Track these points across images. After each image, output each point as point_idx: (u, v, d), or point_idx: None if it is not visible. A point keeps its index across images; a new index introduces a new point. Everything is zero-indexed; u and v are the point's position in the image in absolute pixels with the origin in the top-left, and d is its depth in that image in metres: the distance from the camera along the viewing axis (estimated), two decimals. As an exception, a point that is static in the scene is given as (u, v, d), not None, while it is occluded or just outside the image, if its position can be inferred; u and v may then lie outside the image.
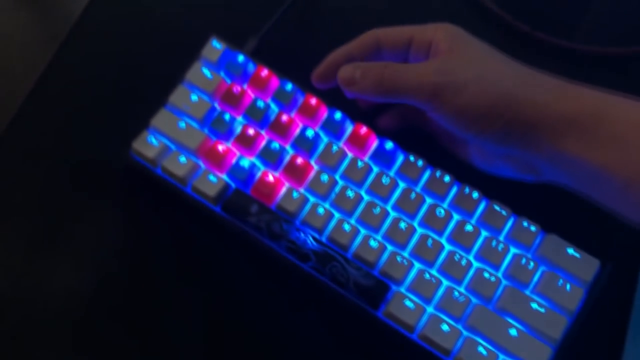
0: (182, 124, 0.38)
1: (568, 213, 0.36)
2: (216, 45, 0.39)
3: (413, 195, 0.36)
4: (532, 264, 0.34)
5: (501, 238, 0.35)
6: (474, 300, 0.34)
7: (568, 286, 0.34)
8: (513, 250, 0.35)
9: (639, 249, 0.37)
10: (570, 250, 0.34)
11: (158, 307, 0.36)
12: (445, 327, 0.33)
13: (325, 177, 0.37)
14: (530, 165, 0.33)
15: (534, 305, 0.34)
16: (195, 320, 0.36)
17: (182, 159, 0.37)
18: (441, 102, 0.31)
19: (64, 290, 0.37)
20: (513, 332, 0.33)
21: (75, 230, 0.38)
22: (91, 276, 0.37)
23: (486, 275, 0.34)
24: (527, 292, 0.34)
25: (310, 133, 0.37)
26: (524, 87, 0.31)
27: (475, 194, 0.36)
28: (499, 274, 0.35)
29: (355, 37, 0.37)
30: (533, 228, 0.35)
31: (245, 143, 0.37)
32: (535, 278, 0.34)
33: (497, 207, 0.35)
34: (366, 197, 0.36)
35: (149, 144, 0.38)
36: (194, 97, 0.39)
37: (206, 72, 0.39)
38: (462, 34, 0.33)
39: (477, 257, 0.35)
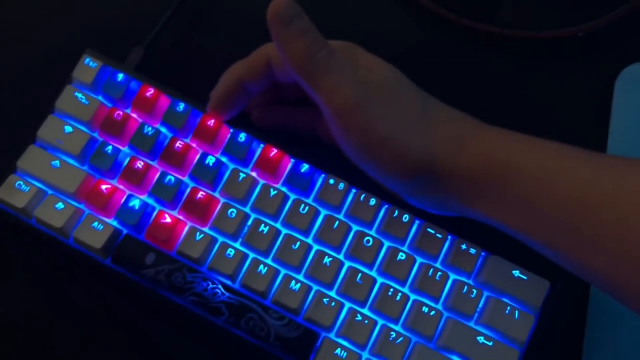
0: (57, 163, 0.32)
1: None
2: (90, 64, 0.33)
3: (336, 224, 0.31)
4: (474, 291, 0.30)
5: (438, 265, 0.31)
6: (413, 339, 0.30)
7: (517, 314, 0.30)
8: (453, 277, 0.31)
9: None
10: (517, 273, 0.30)
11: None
12: (384, 376, 0.29)
13: (233, 212, 0.31)
14: (447, 210, 0.30)
15: (481, 339, 0.30)
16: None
17: (60, 205, 0.31)
18: (349, 126, 0.27)
19: None
20: (460, 373, 0.29)
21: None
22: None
23: (425, 309, 0.30)
24: (472, 325, 0.30)
25: (211, 160, 0.32)
26: (437, 141, 0.28)
27: (406, 217, 0.31)
28: (440, 307, 0.30)
29: (251, 40, 0.31)
30: (473, 251, 0.31)
31: (134, 179, 0.31)
32: (480, 307, 0.30)
33: (431, 230, 0.31)
34: (283, 231, 0.31)
35: (18, 190, 0.31)
36: (69, 129, 0.32)
37: (80, 96, 0.33)
38: (370, 55, 0.29)
39: (414, 290, 0.31)
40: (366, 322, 0.30)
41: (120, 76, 0.33)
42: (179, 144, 0.32)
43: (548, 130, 0.31)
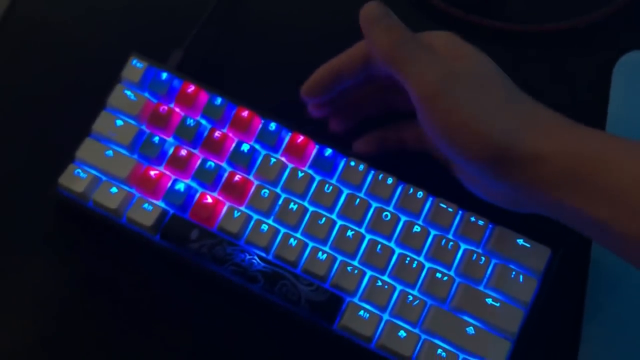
0: (110, 152, 0.36)
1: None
2: (137, 64, 0.37)
3: (357, 201, 0.35)
4: (483, 259, 0.34)
5: (450, 236, 0.34)
6: (428, 302, 0.34)
7: (521, 277, 0.33)
8: (463, 246, 0.34)
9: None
10: (520, 241, 0.34)
11: (105, 346, 0.35)
12: (402, 334, 0.33)
13: (266, 192, 0.35)
14: (523, 204, 0.31)
15: (489, 301, 0.33)
16: (150, 356, 0.35)
17: (114, 189, 0.35)
18: (433, 109, 0.29)
19: (10, 336, 0.35)
20: (470, 330, 0.33)
21: (8, 282, 0.36)
22: (34, 325, 0.35)
23: (438, 275, 0.34)
24: (481, 288, 0.34)
25: (245, 147, 0.36)
26: (521, 127, 0.28)
27: (420, 194, 0.35)
28: (452, 273, 0.34)
29: (280, 42, 0.35)
30: (481, 222, 0.34)
31: (179, 165, 0.36)
32: (488, 273, 0.34)
33: (443, 205, 0.34)
34: (310, 209, 0.35)
35: (77, 177, 0.36)
36: (119, 122, 0.37)
37: (129, 93, 0.37)
38: (464, 44, 0.31)
39: (428, 258, 0.34)
40: (386, 287, 0.34)
41: (164, 75, 0.37)
42: (217, 134, 0.36)
43: None
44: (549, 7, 0.42)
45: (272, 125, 0.36)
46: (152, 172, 0.36)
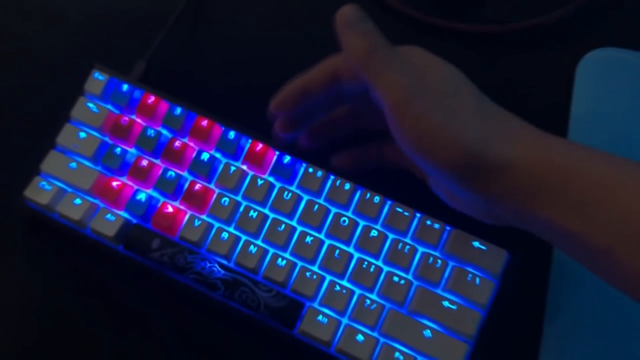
0: (74, 164, 0.37)
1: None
2: (98, 77, 0.38)
3: (316, 207, 0.35)
4: (440, 262, 0.34)
5: (407, 239, 0.35)
6: (386, 306, 0.34)
7: (478, 280, 0.34)
8: (420, 250, 0.35)
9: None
10: (476, 244, 0.34)
11: (67, 349, 0.36)
12: (360, 338, 0.33)
13: (226, 201, 0.36)
14: (499, 216, 0.30)
15: (446, 304, 0.33)
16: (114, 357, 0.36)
17: (78, 200, 0.36)
18: (403, 116, 0.29)
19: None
20: (428, 333, 0.33)
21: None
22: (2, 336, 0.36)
23: (396, 279, 0.34)
24: (438, 291, 0.34)
25: (205, 156, 0.36)
26: (491, 135, 0.28)
27: (377, 198, 0.35)
28: (409, 276, 0.34)
29: (241, 53, 0.35)
30: (437, 225, 0.34)
31: (140, 175, 0.36)
32: (445, 276, 0.34)
33: (399, 209, 0.35)
34: (270, 216, 0.36)
35: (42, 189, 0.36)
36: (82, 135, 0.37)
37: (91, 106, 0.37)
38: (434, 56, 0.31)
39: (386, 262, 0.34)
40: (344, 291, 0.34)
41: (125, 86, 0.38)
42: (177, 143, 0.36)
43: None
44: (510, 7, 0.42)
45: (232, 134, 0.36)
46: (115, 183, 0.36)
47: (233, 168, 0.36)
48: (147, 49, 0.40)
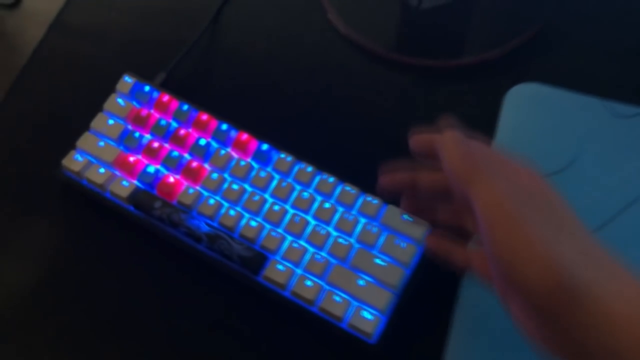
0: (102, 143, 0.48)
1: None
2: (128, 80, 0.49)
3: (284, 184, 0.45)
4: (376, 229, 0.43)
5: (353, 212, 0.44)
6: (332, 261, 0.43)
7: (404, 245, 0.43)
8: (362, 220, 0.44)
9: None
10: (404, 216, 0.43)
11: (87, 282, 0.45)
12: (309, 283, 0.42)
13: (215, 176, 0.46)
14: (550, 339, 0.28)
15: (378, 261, 0.42)
16: (116, 298, 0.45)
17: (102, 170, 0.47)
18: (498, 226, 0.27)
19: (7, 287, 0.45)
20: (362, 283, 0.42)
21: (23, 232, 0.47)
22: (35, 271, 0.46)
23: (341, 241, 0.43)
24: (374, 252, 0.43)
25: (203, 142, 0.47)
26: (589, 264, 0.26)
27: (331, 179, 0.45)
28: (352, 240, 0.44)
29: (244, 75, 0.46)
30: (376, 202, 0.44)
31: (151, 154, 0.47)
32: (380, 240, 0.43)
33: (348, 188, 0.44)
34: (249, 189, 0.46)
35: (76, 160, 0.47)
36: (111, 122, 0.48)
37: (120, 101, 0.49)
38: (521, 162, 0.31)
39: (335, 228, 0.44)
40: (300, 248, 0.43)
41: (147, 87, 0.49)
42: (182, 132, 0.47)
43: None
44: (454, 45, 0.53)
45: (224, 126, 0.47)
46: (131, 158, 0.47)
47: (223, 152, 0.47)
48: (168, 64, 0.52)
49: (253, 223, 0.44)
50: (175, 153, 0.47)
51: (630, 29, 0.53)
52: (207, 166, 0.47)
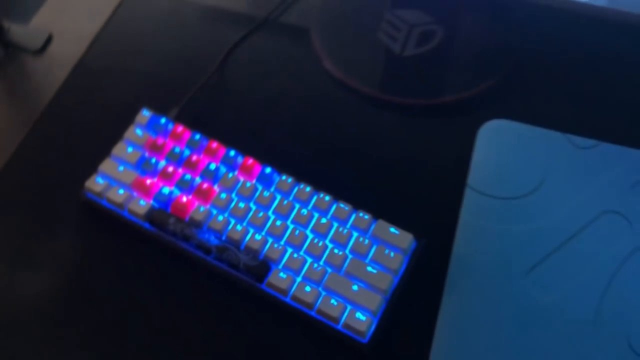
0: (121, 168, 0.53)
1: (393, 205, 0.51)
2: (145, 113, 0.55)
3: (285, 202, 0.51)
4: (367, 241, 0.49)
5: (347, 226, 0.50)
6: (328, 270, 0.48)
7: (392, 254, 0.48)
8: (355, 233, 0.49)
9: (450, 227, 0.52)
10: (392, 229, 0.49)
11: (108, 291, 0.50)
12: (308, 289, 0.47)
13: (224, 196, 0.51)
14: None
15: (369, 269, 0.48)
16: (132, 304, 0.49)
17: (121, 191, 0.52)
18: None
19: (37, 295, 0.50)
20: (355, 288, 0.47)
21: (48, 246, 0.52)
22: (59, 281, 0.50)
23: (336, 251, 0.49)
24: (366, 261, 0.48)
25: (212, 166, 0.53)
26: None
27: (327, 198, 0.51)
28: (346, 251, 0.49)
29: (249, 111, 0.53)
30: (367, 217, 0.50)
31: (166, 177, 0.52)
32: (370, 251, 0.49)
33: (342, 205, 0.50)
34: (253, 207, 0.51)
35: (97, 182, 0.52)
36: (130, 149, 0.54)
37: (138, 131, 0.55)
38: None
39: (331, 241, 0.49)
40: (300, 258, 0.48)
41: (163, 120, 0.55)
42: (194, 158, 0.53)
43: (423, 175, 0.53)
44: (432, 86, 0.60)
45: (232, 152, 0.53)
46: (148, 181, 0.52)
47: (230, 175, 0.52)
48: (181, 100, 0.58)
49: (257, 237, 0.49)
50: (188, 176, 0.52)
51: (588, 74, 0.61)
52: (216, 187, 0.52)
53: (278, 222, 0.50)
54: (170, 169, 0.53)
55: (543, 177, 0.54)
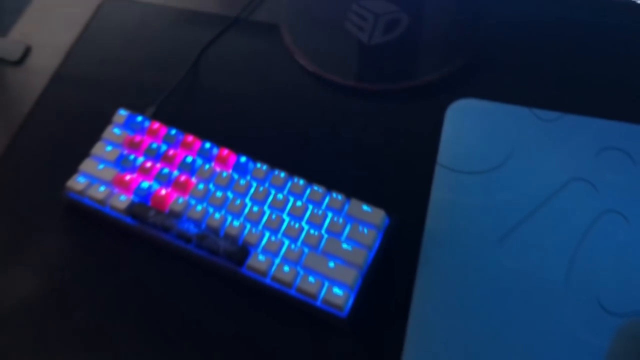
0: (101, 166, 0.55)
1: (366, 186, 0.53)
2: (122, 112, 0.57)
3: (261, 189, 0.52)
4: (341, 220, 0.50)
5: (322, 208, 0.51)
6: (305, 250, 0.50)
7: (366, 230, 0.50)
8: (330, 214, 0.51)
9: (422, 204, 0.53)
10: (365, 207, 0.50)
11: (92, 284, 0.51)
12: (287, 269, 0.49)
13: (201, 186, 0.53)
14: None
15: (344, 246, 0.49)
16: (117, 296, 0.51)
17: (102, 188, 0.53)
18: None
19: (26, 293, 0.51)
20: (332, 265, 0.48)
21: (34, 245, 0.53)
22: (46, 278, 0.52)
23: (312, 231, 0.50)
24: (341, 239, 0.50)
25: (189, 159, 0.54)
26: None
27: (302, 182, 0.52)
28: (322, 231, 0.50)
29: (223, 113, 0.55)
30: (340, 197, 0.51)
31: (145, 172, 0.54)
32: (346, 230, 0.50)
33: (316, 188, 0.52)
34: (230, 195, 0.53)
35: (78, 182, 0.54)
36: (109, 148, 0.56)
37: (116, 130, 0.56)
38: None
39: (307, 222, 0.51)
40: (277, 241, 0.50)
41: (139, 118, 0.57)
42: (171, 152, 0.55)
43: (395, 156, 0.55)
44: (401, 71, 0.62)
45: (207, 144, 0.55)
46: (127, 177, 0.54)
47: (207, 166, 0.54)
48: (156, 100, 0.60)
49: (236, 223, 0.51)
50: (166, 170, 0.54)
51: (549, 50, 0.63)
52: (193, 179, 0.54)
53: (255, 208, 0.52)
54: (149, 164, 0.54)
55: (510, 151, 0.56)
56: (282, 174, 0.53)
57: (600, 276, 0.49)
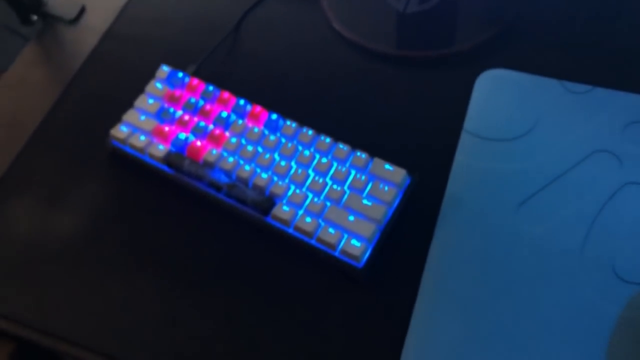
0: (143, 117, 0.58)
1: (391, 148, 0.55)
2: (165, 69, 0.61)
3: (289, 144, 0.55)
4: (364, 177, 0.52)
5: (346, 165, 0.54)
6: (327, 204, 0.52)
7: (386, 188, 0.52)
8: (353, 171, 0.53)
9: (446, 167, 0.55)
10: (387, 166, 0.52)
11: (129, 224, 0.55)
12: (309, 220, 0.51)
13: (234, 140, 0.56)
14: None
15: (365, 201, 0.51)
16: (153, 237, 0.54)
17: (142, 137, 0.57)
18: None
19: (69, 230, 0.55)
20: (351, 218, 0.51)
21: (78, 188, 0.57)
22: (88, 220, 0.56)
23: (335, 187, 0.52)
24: (363, 195, 0.52)
25: (224, 114, 0.57)
26: None
27: (328, 140, 0.54)
28: (345, 187, 0.53)
29: (260, 71, 0.58)
30: (364, 156, 0.53)
31: (182, 124, 0.57)
32: (367, 187, 0.52)
33: (341, 146, 0.54)
34: (260, 150, 0.55)
35: (121, 130, 0.58)
36: (150, 101, 0.59)
37: (158, 85, 0.60)
38: None
39: (331, 178, 0.53)
40: (302, 194, 0.52)
41: (180, 74, 0.60)
42: (208, 107, 0.58)
43: (422, 121, 0.57)
44: (434, 40, 0.63)
45: (242, 101, 0.58)
46: (166, 128, 0.57)
47: (240, 121, 0.57)
48: (198, 59, 0.63)
49: (264, 175, 0.54)
50: (202, 123, 0.57)
51: (582, 23, 0.63)
52: (227, 133, 0.57)
53: (283, 163, 0.54)
54: (186, 117, 0.58)
55: (537, 121, 0.57)
56: (310, 132, 0.55)
57: (616, 245, 0.50)
